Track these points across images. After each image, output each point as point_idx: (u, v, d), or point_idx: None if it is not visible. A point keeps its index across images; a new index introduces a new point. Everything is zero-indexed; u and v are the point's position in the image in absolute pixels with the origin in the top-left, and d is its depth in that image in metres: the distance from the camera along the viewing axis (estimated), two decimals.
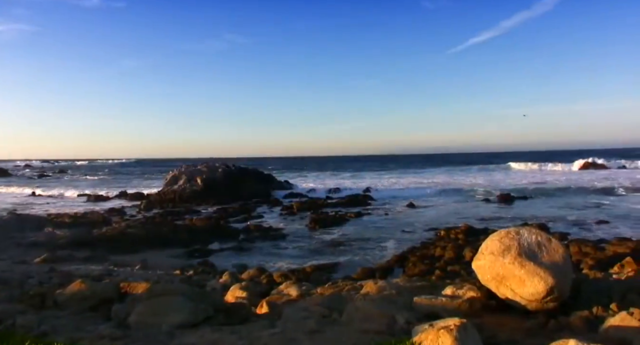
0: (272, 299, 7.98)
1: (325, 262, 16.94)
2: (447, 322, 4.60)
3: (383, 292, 7.18)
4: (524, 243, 6.99)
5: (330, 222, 25.35)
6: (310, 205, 32.39)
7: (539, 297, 6.66)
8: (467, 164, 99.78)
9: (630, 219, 24.19)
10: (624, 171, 62.65)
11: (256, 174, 45.58)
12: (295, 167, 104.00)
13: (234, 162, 48.49)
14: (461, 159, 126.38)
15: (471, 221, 23.93)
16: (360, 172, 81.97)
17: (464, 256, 15.69)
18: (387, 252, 18.36)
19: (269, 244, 20.80)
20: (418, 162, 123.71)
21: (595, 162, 72.61)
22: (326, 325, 5.92)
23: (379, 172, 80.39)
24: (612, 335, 5.42)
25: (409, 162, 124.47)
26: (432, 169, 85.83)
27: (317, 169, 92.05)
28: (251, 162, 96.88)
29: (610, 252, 15.31)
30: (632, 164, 68.80)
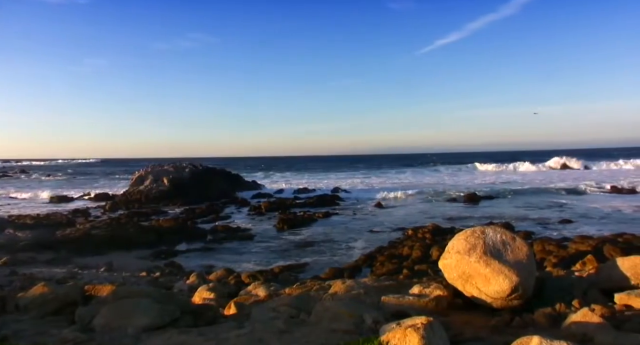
0: (240, 300, 7.94)
1: (294, 262, 16.94)
2: (414, 321, 4.64)
3: (351, 292, 7.21)
4: (489, 242, 7.10)
5: (299, 223, 25.34)
6: (278, 206, 32.31)
7: (504, 295, 6.77)
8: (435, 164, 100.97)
9: (592, 217, 24.79)
10: (588, 171, 64.16)
11: (224, 174, 45.29)
12: (264, 167, 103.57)
13: (202, 162, 48.05)
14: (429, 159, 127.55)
15: (438, 220, 24.21)
16: (330, 172, 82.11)
17: (431, 255, 15.84)
18: (355, 251, 18.44)
19: (236, 244, 20.68)
20: (386, 162, 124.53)
21: (560, 163, 74.31)
22: (294, 326, 5.92)
23: (348, 172, 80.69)
24: (574, 331, 5.55)
25: (377, 162, 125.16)
26: (400, 169, 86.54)
27: (286, 169, 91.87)
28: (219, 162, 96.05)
29: (572, 250, 15.64)
30: (595, 165, 70.42)
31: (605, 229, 21.00)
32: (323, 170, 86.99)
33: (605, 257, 13.49)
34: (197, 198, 36.21)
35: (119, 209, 33.17)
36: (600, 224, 22.63)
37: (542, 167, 71.03)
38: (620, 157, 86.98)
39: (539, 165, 72.65)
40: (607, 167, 66.86)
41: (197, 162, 46.49)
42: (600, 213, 26.19)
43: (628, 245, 15.83)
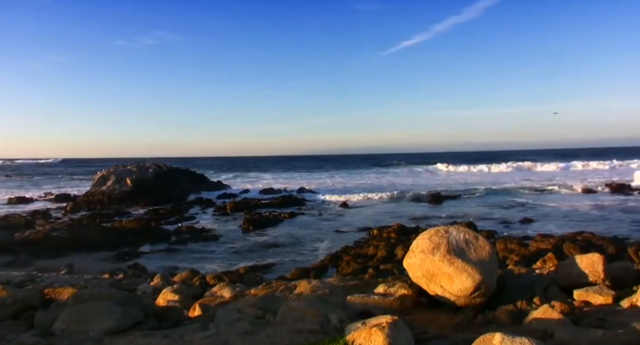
0: (205, 302, 7.86)
1: (259, 263, 16.90)
2: (379, 320, 4.68)
3: (317, 292, 7.21)
4: (453, 241, 7.20)
5: (264, 223, 25.26)
6: (243, 206, 32.14)
7: (467, 293, 6.88)
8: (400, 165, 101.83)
9: (552, 216, 25.37)
10: (549, 171, 65.55)
11: (189, 174, 44.86)
12: (229, 167, 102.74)
13: (166, 162, 47.46)
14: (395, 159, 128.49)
15: (403, 220, 24.44)
16: (296, 172, 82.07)
17: (396, 254, 15.99)
18: (321, 251, 18.48)
19: (201, 245, 20.51)
20: (353, 162, 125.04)
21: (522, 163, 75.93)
22: (260, 326, 5.89)
23: (314, 172, 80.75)
24: (535, 327, 5.67)
25: (344, 162, 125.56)
26: (367, 169, 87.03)
27: (252, 170, 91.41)
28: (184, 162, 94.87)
29: (533, 248, 15.99)
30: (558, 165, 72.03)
31: (565, 227, 21.52)
32: (289, 170, 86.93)
33: (565, 255, 13.84)
34: (161, 199, 35.78)
35: (80, 210, 32.47)
36: (561, 223, 23.17)
37: (505, 167, 72.29)
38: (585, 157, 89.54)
39: (502, 165, 73.97)
40: (570, 168, 68.36)
41: (161, 162, 45.94)
42: (560, 212, 26.83)
43: (587, 243, 16.26)
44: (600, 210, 27.00)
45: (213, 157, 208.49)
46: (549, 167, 69.21)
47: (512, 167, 71.83)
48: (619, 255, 14.31)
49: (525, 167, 71.62)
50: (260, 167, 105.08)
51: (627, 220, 23.33)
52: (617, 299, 6.82)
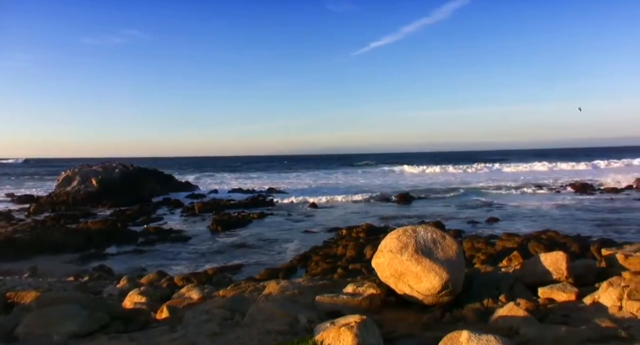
0: (173, 303, 7.78)
1: (228, 263, 16.79)
2: (348, 320, 4.70)
3: (285, 292, 7.20)
4: (421, 240, 7.27)
5: (233, 224, 25.09)
6: (212, 207, 31.88)
7: (435, 292, 6.95)
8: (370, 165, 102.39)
9: (518, 216, 25.83)
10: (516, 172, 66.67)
11: (156, 175, 44.32)
12: (197, 167, 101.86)
13: (133, 162, 46.81)
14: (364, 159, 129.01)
15: (372, 220, 24.58)
16: (265, 172, 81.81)
17: (365, 254, 16.06)
18: (290, 252, 18.46)
19: (169, 246, 20.27)
20: (322, 162, 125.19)
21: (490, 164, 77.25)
22: (228, 328, 5.86)
23: (283, 172, 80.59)
24: (501, 325, 5.77)
25: (313, 162, 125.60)
26: (336, 169, 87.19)
27: (220, 170, 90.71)
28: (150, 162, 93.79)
29: (499, 247, 16.23)
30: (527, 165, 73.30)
31: (530, 226, 21.92)
32: (258, 171, 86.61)
33: (530, 253, 14.10)
34: (127, 199, 35.24)
35: (44, 211, 31.75)
36: (526, 222, 23.60)
37: (474, 167, 73.34)
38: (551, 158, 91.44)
39: (471, 165, 75.04)
40: (535, 168, 69.63)
41: (128, 162, 45.29)
42: (526, 212, 27.32)
43: (551, 242, 16.59)
44: (564, 210, 27.58)
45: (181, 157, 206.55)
46: (516, 168, 70.41)
47: (480, 168, 72.91)
48: (582, 253, 14.65)
49: (493, 168, 72.74)
50: (229, 167, 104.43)
51: (589, 219, 23.88)
52: (580, 296, 6.97)
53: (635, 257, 7.91)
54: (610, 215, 25.03)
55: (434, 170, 72.50)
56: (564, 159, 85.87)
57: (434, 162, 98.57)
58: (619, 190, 36.91)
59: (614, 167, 67.60)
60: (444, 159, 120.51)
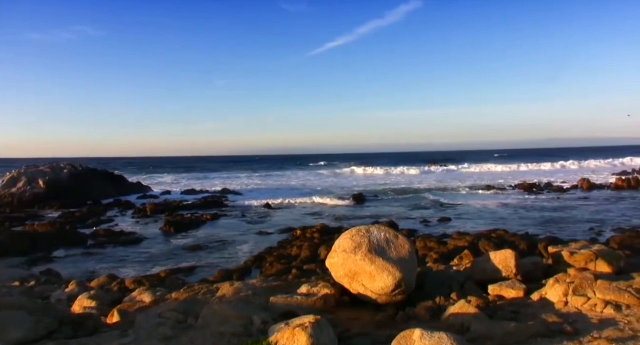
0: (124, 307, 7.63)
1: (181, 265, 16.54)
2: (302, 320, 4.71)
3: (239, 294, 7.15)
4: (374, 240, 7.34)
5: (186, 225, 24.74)
6: (164, 208, 31.37)
7: (388, 291, 7.03)
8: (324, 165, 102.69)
9: (469, 215, 26.36)
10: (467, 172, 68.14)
11: (106, 175, 43.33)
12: (149, 168, 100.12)
13: (82, 162, 45.59)
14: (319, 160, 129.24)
15: (326, 220, 24.68)
16: (218, 172, 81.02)
17: (320, 254, 16.10)
18: (244, 253, 18.34)
19: (120, 249, 19.83)
20: (276, 162, 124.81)
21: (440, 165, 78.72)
22: (181, 331, 5.78)
23: (237, 172, 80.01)
24: (452, 322, 5.88)
25: (266, 163, 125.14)
26: (290, 169, 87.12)
27: (173, 170, 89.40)
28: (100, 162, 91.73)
29: (451, 245, 16.53)
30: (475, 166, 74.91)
31: (480, 225, 22.41)
32: (211, 171, 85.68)
33: (480, 251, 14.41)
34: (76, 200, 34.32)
35: None
36: (476, 221, 24.12)
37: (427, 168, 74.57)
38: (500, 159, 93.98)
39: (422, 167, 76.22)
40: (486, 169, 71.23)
41: (77, 162, 44.11)
42: (476, 211, 27.91)
43: (500, 240, 17.01)
44: (513, 209, 28.31)
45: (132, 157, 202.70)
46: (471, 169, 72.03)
47: (435, 168, 74.18)
48: (530, 250, 15.07)
49: (447, 169, 74.15)
50: (182, 167, 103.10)
51: (536, 218, 24.59)
52: (528, 292, 7.17)
53: (580, 254, 8.19)
54: (555, 213, 25.84)
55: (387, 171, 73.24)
56: (523, 159, 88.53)
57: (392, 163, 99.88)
58: (564, 189, 38.17)
59: (572, 168, 69.67)
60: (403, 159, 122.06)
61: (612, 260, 7.99)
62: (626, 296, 6.24)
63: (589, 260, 8.04)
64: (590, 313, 6.04)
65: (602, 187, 38.95)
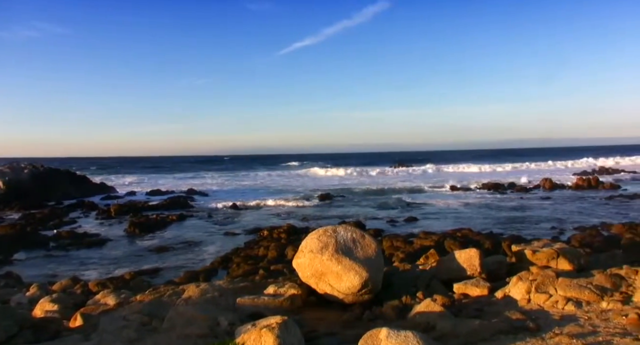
0: (87, 310, 7.49)
1: (146, 267, 16.33)
2: (269, 321, 4.69)
3: (206, 295, 7.09)
4: (341, 240, 7.37)
5: (152, 226, 24.40)
6: (129, 209, 30.86)
7: (355, 291, 7.06)
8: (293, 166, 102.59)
9: (435, 215, 26.66)
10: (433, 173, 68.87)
11: (69, 176, 42.45)
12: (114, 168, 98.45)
13: (42, 162, 44.56)
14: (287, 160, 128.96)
15: (293, 221, 24.65)
16: (184, 173, 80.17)
17: (287, 255, 16.07)
18: (211, 254, 18.20)
19: (84, 251, 19.46)
20: (243, 163, 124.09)
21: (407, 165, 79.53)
22: (146, 333, 5.71)
23: (204, 173, 79.27)
24: (418, 321, 5.94)
25: (236, 163, 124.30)
26: (257, 170, 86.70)
27: (139, 171, 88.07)
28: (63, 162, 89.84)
29: (417, 245, 16.68)
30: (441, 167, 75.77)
31: (446, 225, 22.68)
32: (177, 171, 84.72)
33: (446, 250, 14.58)
34: (38, 202, 33.56)
35: None
36: (442, 221, 24.41)
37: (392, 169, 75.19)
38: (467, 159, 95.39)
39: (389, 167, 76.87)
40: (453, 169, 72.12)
41: (38, 162, 43.12)
42: (442, 211, 28.26)
43: (465, 239, 17.24)
44: (478, 208, 28.75)
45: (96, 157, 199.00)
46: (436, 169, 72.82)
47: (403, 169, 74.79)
48: (494, 249, 15.30)
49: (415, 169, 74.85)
50: (148, 167, 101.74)
51: (501, 217, 25.03)
52: (492, 291, 7.30)
53: (542, 252, 8.36)
54: (518, 213, 26.35)
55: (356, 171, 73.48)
56: (492, 160, 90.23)
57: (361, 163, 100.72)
58: (528, 189, 38.96)
59: (537, 168, 70.96)
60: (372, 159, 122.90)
61: (573, 258, 8.18)
62: (586, 293, 6.40)
63: (550, 259, 8.22)
64: (552, 310, 6.18)
65: (563, 187, 39.85)
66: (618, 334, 5.03)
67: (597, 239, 17.05)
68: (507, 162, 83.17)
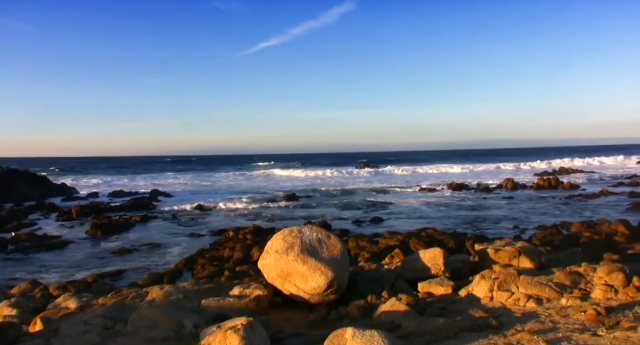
0: (48, 315, 7.32)
1: (109, 270, 16.05)
2: (235, 322, 4.67)
3: (170, 297, 7.01)
4: (306, 240, 7.38)
5: (114, 228, 23.97)
6: (91, 210, 30.27)
7: (321, 291, 7.08)
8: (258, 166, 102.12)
9: (400, 214, 26.91)
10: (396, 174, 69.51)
11: (28, 176, 41.48)
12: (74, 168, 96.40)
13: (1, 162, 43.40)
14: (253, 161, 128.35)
15: (259, 222, 24.55)
16: (147, 173, 79.05)
17: (252, 256, 16.00)
18: (176, 255, 18.00)
19: (44, 253, 19.01)
20: (207, 163, 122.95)
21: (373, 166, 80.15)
22: (109, 337, 5.61)
23: (167, 173, 78.37)
24: (384, 320, 5.99)
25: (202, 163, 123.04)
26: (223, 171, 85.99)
27: (102, 172, 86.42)
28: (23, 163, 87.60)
29: (383, 245, 16.81)
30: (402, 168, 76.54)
31: (411, 224, 22.90)
32: (143, 172, 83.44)
33: (411, 250, 14.71)
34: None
35: None
36: (407, 221, 24.66)
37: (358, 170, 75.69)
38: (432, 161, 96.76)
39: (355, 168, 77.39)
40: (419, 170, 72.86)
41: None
42: (407, 210, 28.55)
43: (430, 238, 17.45)
44: (442, 208, 29.13)
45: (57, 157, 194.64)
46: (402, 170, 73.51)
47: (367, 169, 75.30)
48: (458, 248, 15.52)
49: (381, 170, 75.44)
50: (110, 168, 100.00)
51: (464, 216, 25.41)
52: (456, 289, 7.40)
53: (504, 251, 8.52)
54: (481, 212, 26.80)
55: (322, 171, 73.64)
56: (458, 160, 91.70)
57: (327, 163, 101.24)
58: (491, 189, 39.67)
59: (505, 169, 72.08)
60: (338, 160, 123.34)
61: (534, 257, 8.37)
62: (547, 290, 6.55)
63: (512, 257, 8.39)
64: (514, 307, 6.31)
65: (525, 187, 40.67)
66: (577, 330, 5.16)
67: (557, 237, 17.46)
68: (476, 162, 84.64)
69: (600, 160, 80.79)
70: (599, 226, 18.59)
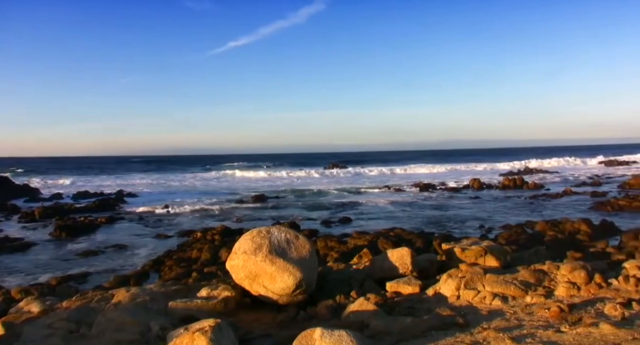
0: (9, 319, 7.14)
1: (74, 272, 15.74)
2: (202, 324, 4.64)
3: (136, 299, 6.91)
4: (275, 241, 7.36)
5: (79, 229, 23.52)
6: (55, 211, 29.63)
7: (289, 291, 7.07)
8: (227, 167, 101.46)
9: (368, 215, 27.06)
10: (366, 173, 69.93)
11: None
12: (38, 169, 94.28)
13: None
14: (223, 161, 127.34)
15: (227, 222, 24.39)
16: (113, 174, 77.81)
17: (221, 257, 15.88)
18: (142, 257, 17.76)
19: (5, 256, 18.52)
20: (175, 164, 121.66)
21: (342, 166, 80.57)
22: (73, 341, 5.51)
23: (135, 174, 77.30)
24: (352, 320, 6.02)
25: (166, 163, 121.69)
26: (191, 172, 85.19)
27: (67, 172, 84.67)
28: None
29: (351, 245, 16.87)
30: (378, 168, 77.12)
31: (379, 224, 23.04)
32: (107, 173, 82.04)
33: (379, 250, 14.80)
34: None
35: None
36: (376, 220, 24.80)
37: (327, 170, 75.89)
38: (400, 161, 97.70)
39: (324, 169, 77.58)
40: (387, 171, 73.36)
41: None
42: (376, 210, 28.71)
43: (398, 238, 17.58)
44: (410, 208, 29.40)
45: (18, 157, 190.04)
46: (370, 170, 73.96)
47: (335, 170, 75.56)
48: (426, 248, 15.68)
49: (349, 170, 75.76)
50: (74, 168, 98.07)
51: (431, 216, 25.68)
52: (423, 288, 7.48)
53: (471, 250, 8.65)
54: (448, 212, 27.12)
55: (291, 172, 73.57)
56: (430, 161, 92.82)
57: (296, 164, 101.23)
58: (457, 189, 40.21)
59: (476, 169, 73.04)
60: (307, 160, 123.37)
61: (500, 255, 8.52)
62: (512, 288, 6.67)
63: (478, 256, 8.51)
64: (480, 305, 6.41)
65: (491, 187, 41.32)
66: (541, 327, 5.27)
67: (522, 236, 17.78)
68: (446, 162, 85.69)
69: (567, 160, 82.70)
70: (562, 225, 18.97)
